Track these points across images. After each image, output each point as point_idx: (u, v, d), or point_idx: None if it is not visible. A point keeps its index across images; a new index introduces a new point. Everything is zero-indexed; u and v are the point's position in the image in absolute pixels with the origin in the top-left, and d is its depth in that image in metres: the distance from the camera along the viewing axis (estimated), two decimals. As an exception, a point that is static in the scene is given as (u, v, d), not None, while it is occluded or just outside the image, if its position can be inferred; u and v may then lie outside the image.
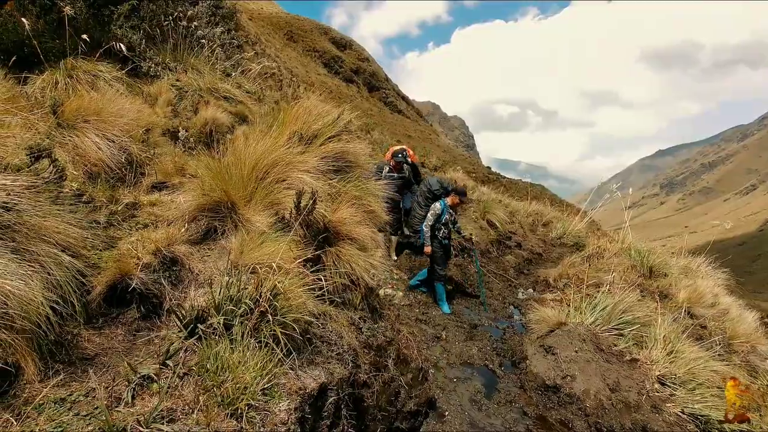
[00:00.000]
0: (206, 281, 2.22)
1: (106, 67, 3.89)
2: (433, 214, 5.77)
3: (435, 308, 5.67)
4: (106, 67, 3.90)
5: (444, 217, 5.80)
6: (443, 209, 5.80)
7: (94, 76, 3.80)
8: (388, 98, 56.09)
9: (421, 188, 6.50)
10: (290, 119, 3.21)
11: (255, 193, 2.59)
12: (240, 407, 1.54)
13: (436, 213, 5.77)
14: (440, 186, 6.34)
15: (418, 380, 3.46)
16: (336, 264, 2.64)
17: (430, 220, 5.76)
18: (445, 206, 5.82)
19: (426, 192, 6.41)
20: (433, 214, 5.77)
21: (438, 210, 5.79)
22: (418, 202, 6.47)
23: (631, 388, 3.74)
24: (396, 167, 6.87)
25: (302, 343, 2.05)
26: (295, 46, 46.21)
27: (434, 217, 5.76)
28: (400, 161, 6.89)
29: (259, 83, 7.56)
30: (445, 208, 5.81)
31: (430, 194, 6.37)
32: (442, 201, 5.89)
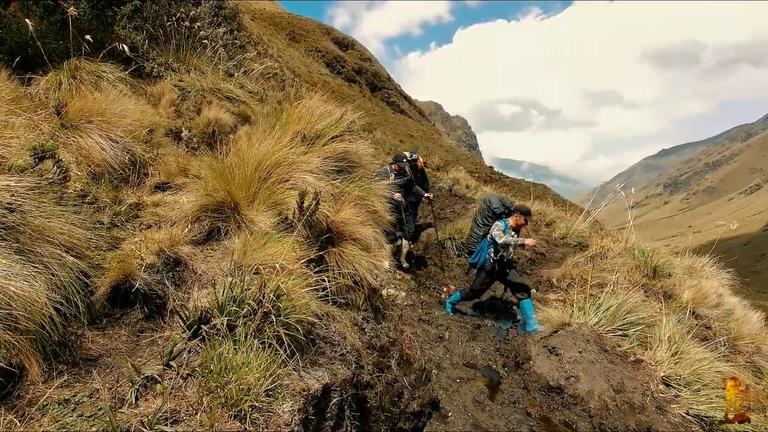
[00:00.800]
0: (209, 282, 2.22)
1: (109, 68, 3.90)
2: (497, 235, 5.38)
3: (438, 309, 5.66)
4: (110, 67, 3.91)
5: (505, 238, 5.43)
6: (504, 229, 5.41)
7: (97, 76, 3.81)
8: (391, 98, 56.09)
9: (481, 206, 6.10)
10: (293, 119, 3.21)
11: (258, 194, 2.59)
12: (244, 408, 1.54)
13: (502, 229, 5.41)
14: (501, 204, 5.87)
15: (421, 381, 3.45)
16: (339, 264, 2.64)
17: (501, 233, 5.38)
18: (506, 227, 5.44)
19: (485, 210, 5.96)
20: (497, 234, 5.38)
21: (499, 229, 5.43)
22: (476, 220, 6.04)
23: (636, 389, 3.72)
24: (400, 170, 6.75)
25: (306, 344, 2.05)
26: (298, 46, 46.26)
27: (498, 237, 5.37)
28: (402, 165, 6.76)
29: (261, 83, 7.57)
30: (506, 228, 5.42)
31: (490, 212, 5.90)
32: (503, 221, 5.49)
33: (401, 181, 6.77)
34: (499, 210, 5.81)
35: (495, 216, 5.80)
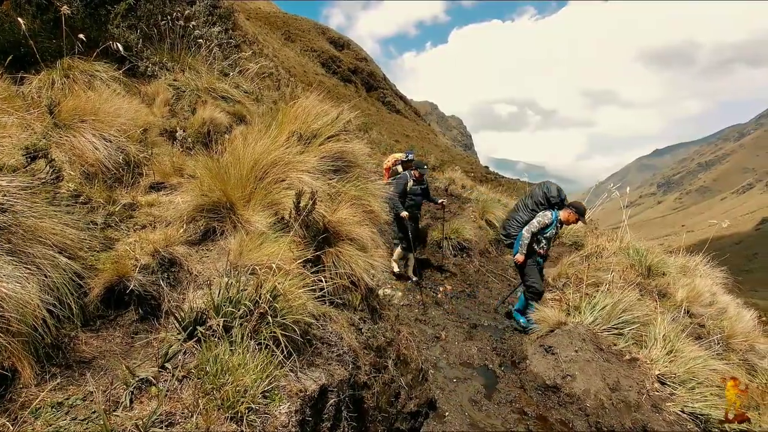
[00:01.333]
0: (205, 282, 2.20)
1: (102, 67, 3.87)
2: (540, 222, 5.05)
3: (434, 308, 5.66)
4: (103, 66, 3.88)
5: (550, 230, 5.09)
6: (554, 221, 5.07)
7: (90, 75, 3.78)
8: (386, 98, 56.12)
9: (534, 191, 5.56)
10: (289, 119, 3.19)
11: (254, 194, 2.57)
12: (240, 410, 1.53)
13: (545, 222, 5.05)
14: (558, 195, 5.36)
15: (418, 381, 3.44)
16: (336, 264, 2.63)
17: (535, 227, 5.06)
18: (556, 219, 5.09)
19: (540, 197, 5.41)
20: (541, 222, 5.05)
21: (548, 219, 5.06)
22: (525, 204, 5.48)
23: (631, 388, 3.74)
24: (419, 178, 6.38)
25: (302, 345, 2.04)
26: (293, 46, 46.16)
27: (540, 225, 5.06)
28: (423, 172, 6.41)
29: (256, 83, 7.54)
30: (555, 220, 5.08)
31: (545, 200, 5.39)
32: (555, 212, 5.13)
33: (419, 189, 6.44)
34: (555, 200, 5.34)
35: (549, 205, 5.33)
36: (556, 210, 5.14)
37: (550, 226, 5.04)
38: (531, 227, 5.04)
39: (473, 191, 12.09)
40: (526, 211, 5.43)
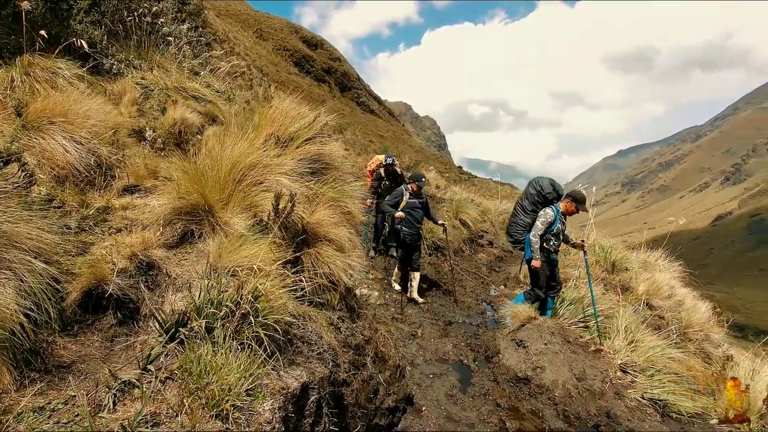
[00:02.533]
0: (185, 285, 2.21)
1: (65, 65, 3.74)
2: (543, 222, 4.89)
3: (411, 307, 5.77)
4: (66, 64, 3.75)
5: (556, 226, 4.91)
6: (556, 217, 4.90)
7: (52, 73, 3.66)
8: (360, 98, 56.10)
9: (528, 190, 5.36)
10: (266, 122, 3.22)
11: (233, 196, 2.59)
12: (225, 408, 1.57)
13: (548, 221, 4.88)
14: (553, 189, 5.19)
15: (395, 377, 3.53)
16: (315, 265, 2.68)
17: (540, 229, 4.89)
18: (558, 213, 4.93)
19: (535, 195, 5.23)
20: (544, 222, 4.88)
21: (550, 217, 4.89)
22: (523, 206, 5.29)
23: (596, 377, 3.96)
24: (417, 191, 6.03)
25: (284, 344, 2.09)
26: (265, 44, 45.46)
27: (545, 225, 4.89)
28: (422, 185, 6.05)
29: (228, 82, 7.44)
30: (558, 215, 4.92)
31: (541, 198, 5.21)
32: (554, 206, 4.97)
33: (417, 203, 6.07)
34: (551, 195, 5.15)
35: (546, 202, 5.14)
36: (556, 204, 5.02)
37: (554, 222, 4.90)
38: (536, 230, 4.90)
39: (447, 191, 12.32)
40: (525, 213, 5.26)
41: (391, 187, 7.03)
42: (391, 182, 7.10)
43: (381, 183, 7.15)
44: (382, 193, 7.06)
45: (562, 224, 4.97)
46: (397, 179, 7.18)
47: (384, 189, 7.08)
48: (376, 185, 7.16)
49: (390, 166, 7.00)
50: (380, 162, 7.34)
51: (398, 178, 7.25)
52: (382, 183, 7.15)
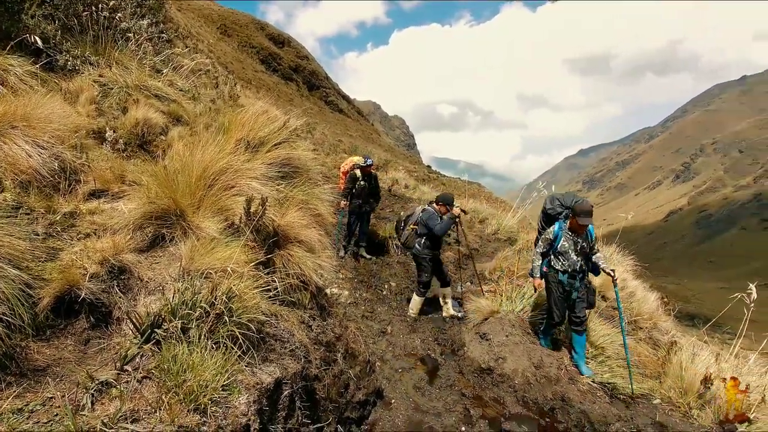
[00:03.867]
0: (157, 288, 2.27)
1: (17, 61, 3.62)
2: (543, 239, 4.54)
3: (380, 305, 5.93)
4: (18, 61, 3.64)
5: (559, 243, 4.41)
6: (558, 234, 4.44)
7: (4, 71, 3.56)
8: (329, 97, 55.79)
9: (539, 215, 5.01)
10: (236, 126, 3.28)
11: (204, 200, 2.65)
12: (203, 402, 1.66)
13: (547, 238, 4.50)
14: (557, 204, 4.67)
15: (365, 372, 3.68)
16: (286, 266, 2.78)
17: (540, 246, 4.55)
18: (560, 231, 4.44)
19: (542, 219, 4.87)
20: (544, 239, 4.53)
21: (549, 234, 4.49)
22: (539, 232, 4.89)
23: (552, 365, 4.26)
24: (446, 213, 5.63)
25: (257, 342, 2.19)
26: (230, 41, 44.39)
27: (544, 242, 4.52)
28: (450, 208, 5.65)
29: (193, 80, 7.31)
30: (560, 233, 4.43)
31: (544, 216, 4.83)
32: (559, 223, 4.49)
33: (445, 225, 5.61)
34: (553, 211, 4.70)
35: (550, 218, 4.73)
36: (562, 220, 4.53)
37: (556, 240, 4.45)
38: (537, 248, 4.61)
39: (416, 190, 12.58)
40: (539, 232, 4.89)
41: (365, 188, 7.11)
42: (367, 183, 7.16)
43: (356, 184, 7.13)
44: (356, 194, 7.11)
45: (572, 242, 4.36)
46: (372, 181, 7.26)
47: (359, 190, 7.11)
48: (350, 186, 7.12)
49: (368, 168, 7.07)
50: (355, 163, 7.33)
51: (374, 180, 7.33)
52: (357, 184, 7.13)
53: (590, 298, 4.60)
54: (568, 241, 4.41)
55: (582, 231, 4.36)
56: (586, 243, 4.41)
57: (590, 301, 4.61)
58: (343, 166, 7.71)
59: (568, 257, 4.40)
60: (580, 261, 4.39)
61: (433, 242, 5.69)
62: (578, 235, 4.39)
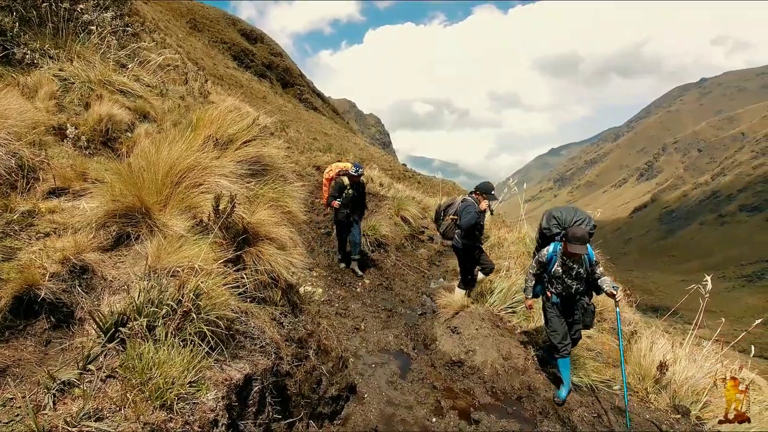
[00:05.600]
0: (122, 287, 2.23)
1: (-28, 54, 3.49)
2: (536, 260, 4.17)
3: (354, 302, 5.97)
4: (-27, 53, 3.50)
5: (554, 267, 4.04)
6: (551, 257, 4.06)
7: (-44, 63, 3.40)
8: (303, 95, 55.21)
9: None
10: (205, 123, 3.24)
11: (171, 198, 2.62)
12: (169, 398, 1.66)
13: (540, 260, 4.13)
14: (550, 225, 4.26)
15: (338, 368, 3.72)
16: (256, 263, 2.78)
17: (533, 267, 4.19)
18: (554, 253, 4.05)
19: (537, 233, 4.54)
20: (537, 260, 4.16)
21: (542, 257, 4.11)
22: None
23: (520, 355, 4.42)
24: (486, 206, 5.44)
25: (227, 339, 2.19)
26: (200, 36, 43.24)
27: (537, 264, 4.16)
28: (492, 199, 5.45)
29: (160, 76, 7.12)
30: (554, 256, 4.04)
31: (540, 235, 4.47)
32: (554, 244, 4.09)
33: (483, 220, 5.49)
34: (548, 232, 4.28)
35: (545, 238, 4.34)
36: (558, 241, 4.11)
37: (550, 263, 4.06)
38: (530, 268, 4.25)
39: (391, 189, 12.66)
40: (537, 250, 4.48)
41: (354, 198, 6.61)
42: (356, 192, 6.65)
43: (344, 192, 6.52)
44: (344, 203, 6.54)
45: (566, 267, 3.98)
46: (360, 189, 6.77)
47: (346, 199, 6.52)
48: (336, 195, 6.49)
49: (358, 177, 6.52)
50: (341, 169, 6.76)
51: (362, 188, 6.86)
52: (345, 192, 6.52)
53: (587, 319, 4.26)
54: (562, 266, 4.00)
55: (576, 257, 3.90)
56: (583, 268, 3.99)
57: (586, 322, 4.28)
58: (327, 173, 7.03)
59: (562, 281, 4.05)
60: (576, 284, 4.03)
61: (468, 234, 5.38)
62: (573, 260, 3.96)
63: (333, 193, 6.50)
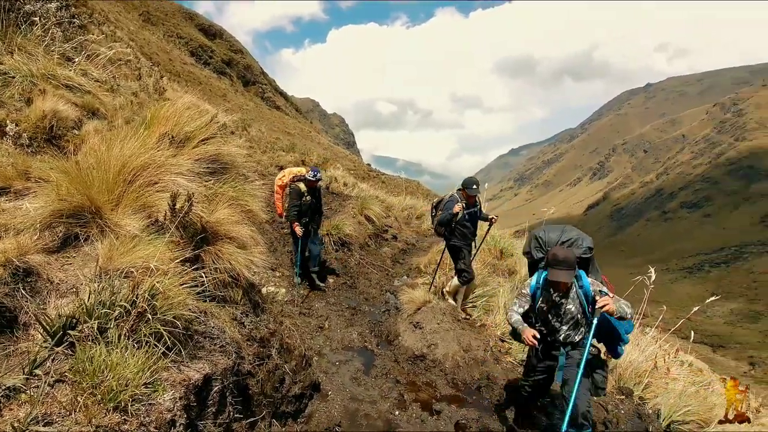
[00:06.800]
0: (70, 290, 2.15)
1: None
2: (520, 296, 3.29)
3: (318, 301, 5.96)
4: None
5: (539, 302, 3.19)
6: (533, 289, 3.22)
7: None
8: (265, 93, 54.05)
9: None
10: (160, 120, 3.15)
11: (124, 197, 2.54)
12: (123, 400, 1.63)
13: (525, 295, 3.26)
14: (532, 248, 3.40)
15: (302, 366, 3.72)
16: (216, 262, 2.75)
17: (517, 305, 3.25)
18: (536, 285, 3.19)
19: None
20: (521, 295, 3.29)
21: (527, 290, 3.27)
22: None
23: (479, 347, 4.60)
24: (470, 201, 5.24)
25: (185, 339, 2.15)
26: (155, 30, 41.34)
27: (523, 300, 3.26)
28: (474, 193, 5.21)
29: (110, 71, 6.80)
30: (537, 288, 3.19)
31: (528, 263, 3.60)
32: (539, 273, 3.21)
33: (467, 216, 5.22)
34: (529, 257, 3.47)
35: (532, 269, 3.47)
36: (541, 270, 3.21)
37: (535, 298, 3.22)
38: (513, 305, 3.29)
39: (355, 188, 12.68)
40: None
41: (312, 205, 6.16)
42: (314, 198, 6.19)
43: (302, 199, 5.98)
44: (303, 211, 6.04)
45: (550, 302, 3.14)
46: (317, 195, 6.30)
47: (305, 206, 6.05)
48: (297, 203, 5.94)
49: (316, 182, 6.05)
50: (295, 175, 6.21)
51: (318, 193, 6.34)
52: (304, 199, 6.00)
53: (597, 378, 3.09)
54: (547, 301, 3.12)
55: (562, 288, 3.03)
56: (575, 306, 3.05)
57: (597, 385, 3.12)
58: (279, 179, 6.44)
59: (547, 322, 3.17)
60: (567, 330, 3.10)
61: (450, 230, 5.26)
62: (560, 294, 3.07)
63: (292, 203, 5.98)
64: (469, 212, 5.23)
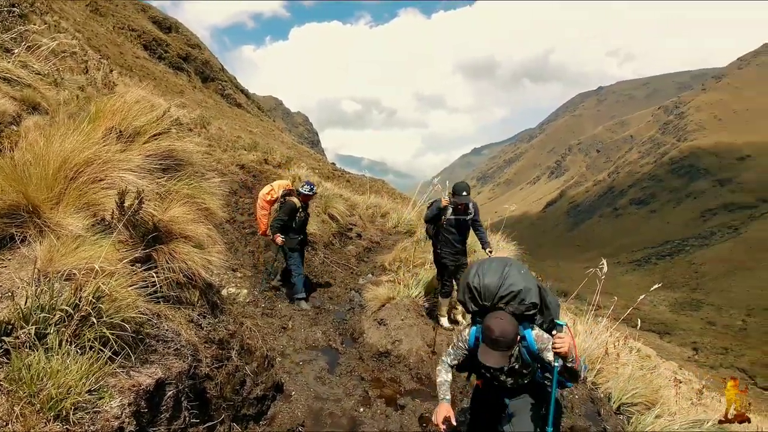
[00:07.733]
0: (4, 294, 2.00)
1: None
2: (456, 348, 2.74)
3: (281, 302, 5.85)
4: None
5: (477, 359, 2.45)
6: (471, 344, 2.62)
7: None
8: (226, 90, 52.42)
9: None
10: (106, 113, 2.98)
11: (65, 195, 2.38)
12: (65, 408, 1.53)
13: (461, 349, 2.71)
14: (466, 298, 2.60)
15: (264, 368, 3.63)
16: (170, 262, 2.63)
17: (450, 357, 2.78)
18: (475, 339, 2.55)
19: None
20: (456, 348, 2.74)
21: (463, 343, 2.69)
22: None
23: (443, 341, 4.68)
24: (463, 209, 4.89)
25: (134, 343, 2.05)
26: (104, 21, 39.06)
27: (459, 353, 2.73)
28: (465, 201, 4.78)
29: (54, 63, 6.39)
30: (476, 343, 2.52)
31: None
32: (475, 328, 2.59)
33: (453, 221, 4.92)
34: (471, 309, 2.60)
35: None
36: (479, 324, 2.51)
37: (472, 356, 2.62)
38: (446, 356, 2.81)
39: (319, 187, 12.53)
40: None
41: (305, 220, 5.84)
42: (306, 214, 5.90)
43: (296, 215, 5.63)
44: (297, 228, 5.73)
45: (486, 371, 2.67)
46: (307, 209, 5.94)
47: (299, 223, 5.71)
48: (286, 219, 5.53)
49: (312, 196, 5.73)
50: (287, 188, 5.80)
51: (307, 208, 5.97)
52: (297, 216, 5.66)
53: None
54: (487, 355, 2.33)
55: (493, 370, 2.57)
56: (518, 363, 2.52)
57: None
58: (268, 193, 5.85)
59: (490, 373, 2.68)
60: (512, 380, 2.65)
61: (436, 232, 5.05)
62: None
63: (282, 218, 5.51)
64: (457, 218, 4.89)
